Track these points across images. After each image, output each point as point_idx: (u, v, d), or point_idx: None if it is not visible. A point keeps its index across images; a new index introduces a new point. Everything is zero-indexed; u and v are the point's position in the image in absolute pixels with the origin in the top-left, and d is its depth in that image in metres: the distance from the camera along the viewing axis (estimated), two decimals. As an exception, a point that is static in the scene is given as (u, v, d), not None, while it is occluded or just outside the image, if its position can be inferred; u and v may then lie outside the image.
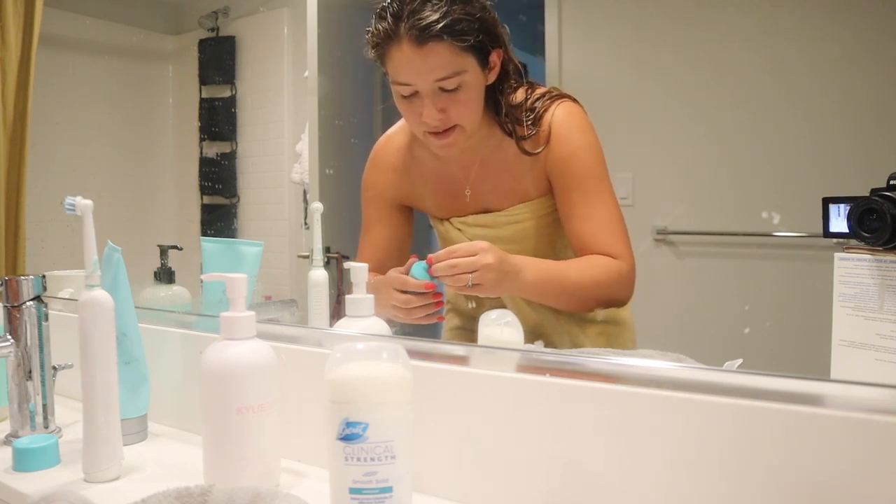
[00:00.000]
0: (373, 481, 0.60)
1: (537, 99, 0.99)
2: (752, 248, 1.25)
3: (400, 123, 1.12)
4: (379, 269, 1.07)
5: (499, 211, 1.05)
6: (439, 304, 0.94)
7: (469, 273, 0.87)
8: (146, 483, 0.80)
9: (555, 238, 1.05)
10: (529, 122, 0.98)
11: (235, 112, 1.83)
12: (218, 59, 1.85)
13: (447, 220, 1.10)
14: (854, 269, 0.69)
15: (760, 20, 1.24)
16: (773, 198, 1.21)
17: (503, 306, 1.07)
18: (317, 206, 1.23)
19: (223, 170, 1.84)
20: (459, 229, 1.08)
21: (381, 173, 1.12)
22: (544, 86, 1.03)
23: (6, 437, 0.94)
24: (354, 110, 1.70)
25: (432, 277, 0.90)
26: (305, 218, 1.59)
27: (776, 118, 1.23)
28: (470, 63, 0.92)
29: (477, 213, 1.07)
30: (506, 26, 0.96)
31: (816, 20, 1.22)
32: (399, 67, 0.93)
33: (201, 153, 1.89)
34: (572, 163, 0.98)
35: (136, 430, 0.94)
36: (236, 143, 1.84)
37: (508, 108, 0.98)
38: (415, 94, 0.94)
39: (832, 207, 0.72)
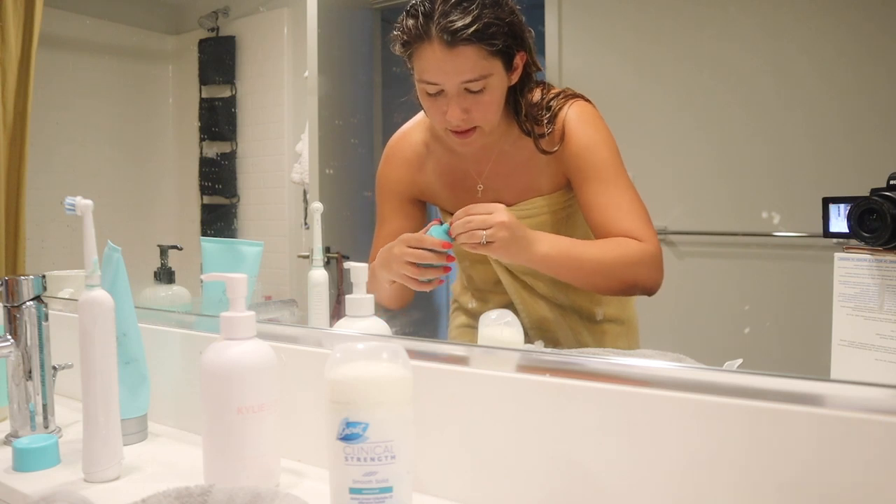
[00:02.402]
0: (373, 481, 0.60)
1: (552, 98, 1.01)
2: (752, 248, 1.25)
3: (416, 119, 1.13)
4: None
5: (511, 205, 1.05)
6: (447, 269, 0.95)
7: (483, 230, 0.88)
8: (146, 483, 0.80)
9: (564, 233, 1.04)
10: (546, 121, 1.00)
11: (235, 112, 1.83)
12: (218, 59, 1.85)
13: None
14: (854, 269, 0.69)
15: (761, 20, 1.24)
16: (773, 198, 1.21)
17: (509, 302, 1.07)
18: (317, 206, 1.23)
19: (223, 170, 1.84)
20: None
21: (396, 168, 1.13)
22: (557, 86, 1.04)
23: (6, 437, 0.94)
24: (354, 110, 1.70)
25: (451, 239, 0.91)
26: (305, 218, 1.60)
27: (776, 118, 1.23)
28: (496, 66, 0.93)
29: None
30: (531, 30, 0.97)
31: (816, 20, 1.22)
32: (427, 67, 0.93)
33: (201, 153, 1.89)
34: (588, 156, 0.99)
35: (136, 430, 0.94)
36: (236, 143, 1.83)
37: (527, 108, 1.00)
38: (440, 92, 0.95)
39: (832, 207, 0.72)
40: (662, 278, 0.98)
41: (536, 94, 1.01)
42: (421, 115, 1.11)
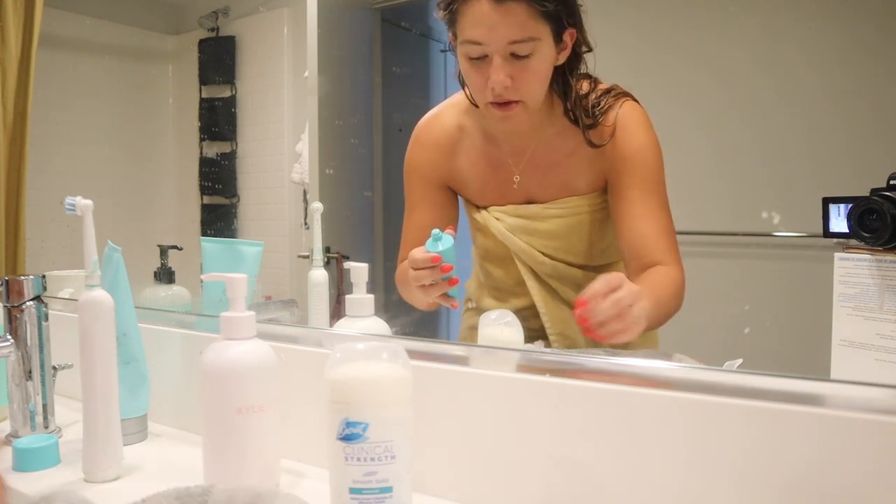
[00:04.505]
0: (373, 481, 0.60)
1: (602, 94, 0.97)
2: (752, 248, 1.25)
3: (448, 101, 1.08)
4: None
5: (543, 203, 1.02)
6: (452, 281, 0.89)
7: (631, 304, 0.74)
8: (146, 483, 0.80)
9: (594, 238, 1.02)
10: (595, 114, 0.96)
11: (235, 112, 1.83)
12: (218, 59, 1.85)
13: (485, 208, 1.06)
14: (854, 269, 0.69)
15: (760, 21, 1.24)
16: (773, 198, 1.21)
17: (530, 305, 1.04)
18: (317, 206, 1.23)
19: (223, 170, 1.84)
20: (498, 219, 1.04)
21: (426, 151, 1.07)
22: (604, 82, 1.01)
23: (6, 437, 0.94)
24: (354, 110, 1.70)
25: (448, 245, 0.87)
26: (305, 218, 1.60)
27: (776, 118, 1.23)
28: (545, 32, 0.88)
29: (520, 203, 1.04)
30: (583, 5, 0.93)
31: (816, 21, 1.22)
32: (472, 23, 0.88)
33: (201, 153, 1.89)
34: (637, 160, 0.95)
35: (136, 430, 0.94)
36: (236, 143, 1.83)
37: (577, 97, 0.96)
38: (484, 57, 0.90)
39: (832, 207, 0.72)
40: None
41: (585, 86, 0.97)
42: (454, 97, 1.06)
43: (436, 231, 0.89)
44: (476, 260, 1.14)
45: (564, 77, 0.95)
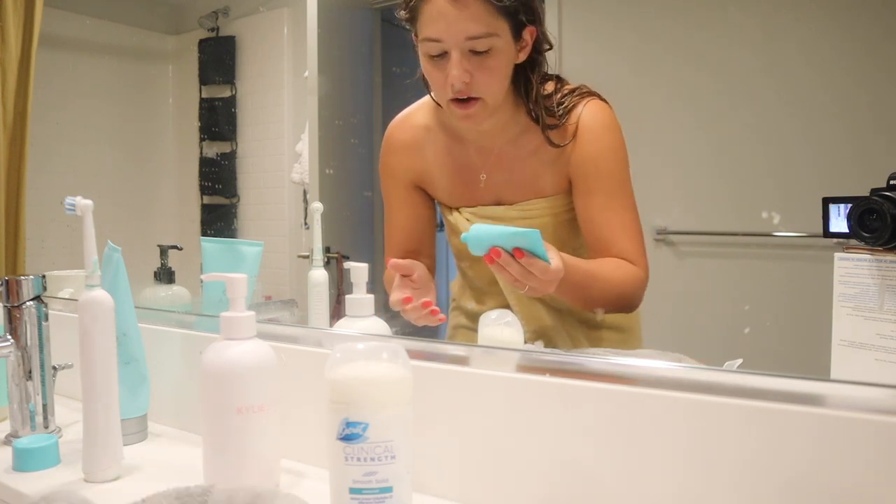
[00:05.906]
0: (373, 481, 0.60)
1: (567, 94, 0.98)
2: (752, 248, 1.25)
3: (418, 102, 1.09)
4: (408, 253, 1.06)
5: (511, 204, 1.03)
6: (427, 305, 0.90)
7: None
8: (146, 483, 0.80)
9: (566, 238, 1.03)
10: (558, 114, 0.96)
11: (235, 112, 1.83)
12: (218, 59, 1.85)
13: (457, 209, 1.08)
14: (854, 269, 0.69)
15: (761, 20, 1.24)
16: (773, 198, 1.21)
17: (506, 304, 1.05)
18: (317, 206, 1.23)
19: (223, 170, 1.84)
20: (468, 220, 1.05)
21: (396, 153, 1.10)
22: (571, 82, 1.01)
23: (6, 437, 0.94)
24: (354, 110, 1.70)
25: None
26: (305, 218, 1.60)
27: (776, 118, 1.23)
28: (503, 29, 0.89)
29: (489, 204, 1.05)
30: (543, 4, 0.93)
31: (816, 20, 1.22)
32: (431, 20, 0.89)
33: (201, 153, 1.89)
34: (599, 163, 0.96)
35: (136, 430, 0.94)
36: (236, 143, 1.83)
37: (538, 94, 0.96)
38: (444, 54, 0.90)
39: (832, 207, 0.72)
40: (642, 300, 0.98)
41: (550, 86, 0.98)
42: (425, 98, 1.07)
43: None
44: (456, 261, 1.16)
45: (526, 75, 0.96)
